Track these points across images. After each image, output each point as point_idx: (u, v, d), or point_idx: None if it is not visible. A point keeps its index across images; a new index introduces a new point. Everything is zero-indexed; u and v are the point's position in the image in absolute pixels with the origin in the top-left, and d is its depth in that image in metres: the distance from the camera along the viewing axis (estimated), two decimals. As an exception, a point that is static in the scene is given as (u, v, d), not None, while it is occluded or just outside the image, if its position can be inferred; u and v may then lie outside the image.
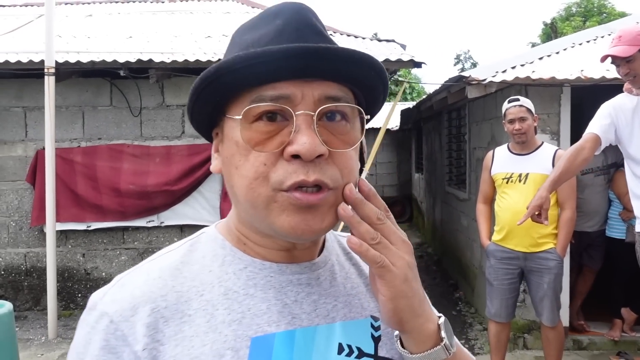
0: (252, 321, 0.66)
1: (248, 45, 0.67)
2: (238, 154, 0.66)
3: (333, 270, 0.76)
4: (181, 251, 0.72)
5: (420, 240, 10.40)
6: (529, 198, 3.54)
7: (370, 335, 0.74)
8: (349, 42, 5.78)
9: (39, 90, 4.71)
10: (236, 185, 0.67)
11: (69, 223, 4.92)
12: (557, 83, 4.49)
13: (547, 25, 23.75)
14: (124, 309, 0.65)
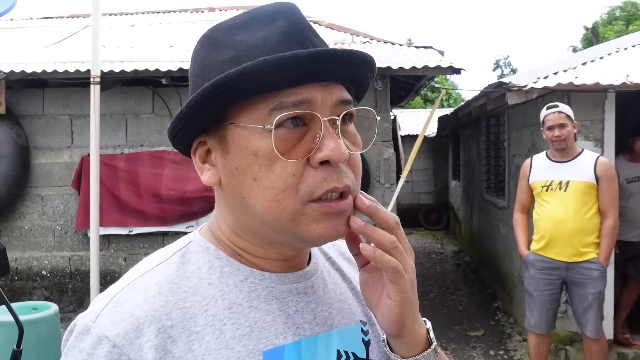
0: (260, 334, 0.65)
1: (250, 48, 0.63)
2: (257, 164, 0.63)
3: (323, 277, 0.76)
4: (173, 263, 0.67)
5: (457, 249, 10.27)
6: (570, 206, 3.47)
7: (362, 340, 0.74)
8: (385, 49, 5.78)
9: (84, 98, 4.86)
10: (253, 197, 0.64)
11: (111, 228, 5.05)
12: (601, 89, 4.38)
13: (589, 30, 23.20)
14: (127, 331, 0.60)
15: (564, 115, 3.53)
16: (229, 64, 0.63)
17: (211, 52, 0.66)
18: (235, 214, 0.68)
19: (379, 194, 4.93)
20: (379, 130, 4.93)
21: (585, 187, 3.48)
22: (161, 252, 0.70)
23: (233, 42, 0.65)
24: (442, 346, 5.27)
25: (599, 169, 3.49)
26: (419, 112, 15.73)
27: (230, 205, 0.68)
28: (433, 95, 20.56)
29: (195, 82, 0.67)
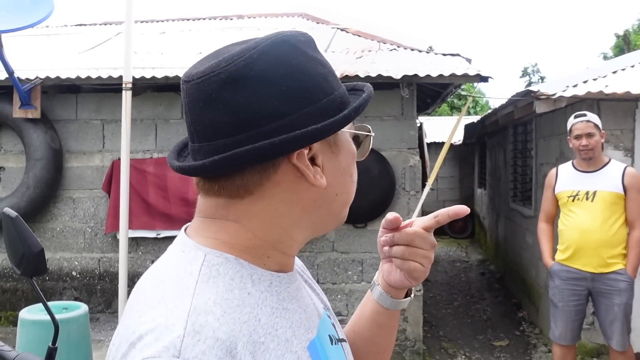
0: (299, 332, 0.69)
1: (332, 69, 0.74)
2: (352, 164, 0.77)
3: (299, 274, 0.83)
4: (210, 279, 0.65)
5: (483, 257, 10.16)
6: (597, 216, 3.43)
7: (332, 324, 0.82)
8: (413, 56, 5.79)
9: (116, 104, 4.98)
10: (347, 192, 0.76)
11: (140, 231, 5.15)
12: (631, 98, 4.33)
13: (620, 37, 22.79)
14: (221, 356, 0.58)
15: (592, 124, 3.49)
16: (332, 77, 0.73)
17: (307, 62, 0.69)
18: (315, 213, 0.73)
19: (404, 201, 4.93)
20: (404, 137, 4.94)
21: (613, 197, 3.44)
22: (181, 267, 0.67)
23: (318, 60, 0.72)
24: (466, 355, 5.23)
25: (626, 180, 3.44)
26: (445, 120, 15.64)
27: (316, 205, 0.73)
28: (460, 102, 20.43)
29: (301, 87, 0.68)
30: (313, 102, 0.67)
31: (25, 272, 1.51)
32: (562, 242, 3.63)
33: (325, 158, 0.71)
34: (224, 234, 0.70)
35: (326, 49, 6.12)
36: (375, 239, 4.97)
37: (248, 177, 0.68)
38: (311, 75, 0.69)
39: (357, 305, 5.04)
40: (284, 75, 0.66)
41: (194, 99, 0.67)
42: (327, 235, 5.01)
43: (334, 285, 5.01)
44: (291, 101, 0.66)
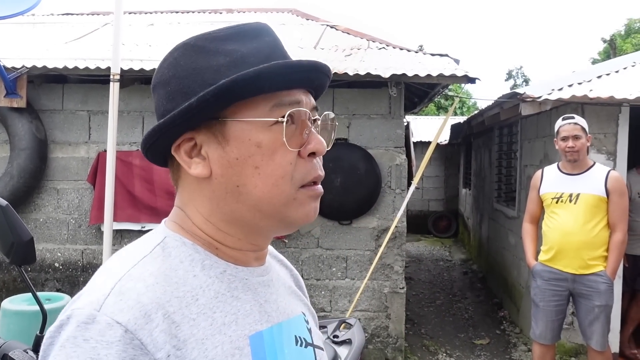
0: (244, 321, 0.72)
1: (246, 56, 0.72)
2: (260, 154, 0.71)
3: (277, 274, 0.86)
4: (158, 256, 0.71)
5: (465, 257, 10.26)
6: (579, 219, 3.49)
7: (306, 328, 0.84)
8: (401, 55, 5.82)
9: (103, 95, 4.94)
10: (252, 184, 0.72)
11: (124, 223, 5.12)
12: (615, 102, 4.40)
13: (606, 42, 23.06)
14: (137, 317, 0.63)
15: (579, 127, 3.55)
16: (226, 68, 0.72)
17: (199, 58, 0.73)
18: (221, 204, 0.74)
19: (390, 200, 4.96)
20: (391, 136, 4.97)
21: (596, 200, 3.50)
22: (138, 247, 0.73)
23: (224, 50, 0.73)
24: (447, 353, 5.29)
25: (610, 183, 3.50)
26: (431, 119, 15.73)
27: (217, 197, 0.74)
28: (446, 102, 20.53)
29: (182, 84, 0.73)
30: (188, 97, 0.71)
31: (14, 260, 1.51)
32: (545, 243, 3.69)
33: (210, 149, 0.73)
34: (178, 220, 0.77)
35: (315, 46, 6.12)
36: (360, 236, 5.01)
37: (171, 170, 0.78)
38: (195, 71, 0.72)
39: (340, 301, 5.09)
40: (172, 77, 0.74)
41: None
42: (312, 232, 5.02)
43: (318, 282, 5.03)
44: (172, 99, 0.73)
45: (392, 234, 4.79)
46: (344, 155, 4.91)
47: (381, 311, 4.97)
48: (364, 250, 4.98)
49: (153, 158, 0.79)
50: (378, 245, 4.90)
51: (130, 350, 0.61)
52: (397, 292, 4.97)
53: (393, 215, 4.88)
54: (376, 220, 4.98)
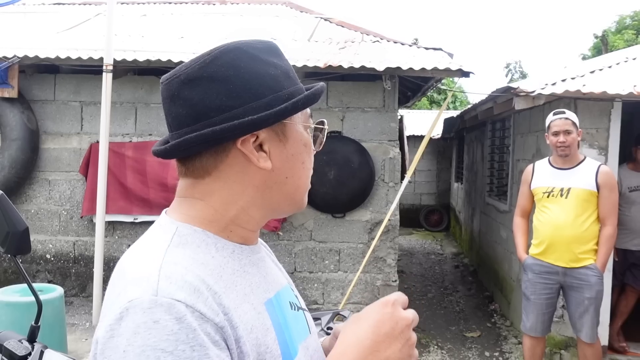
0: (258, 291, 0.83)
1: (288, 71, 0.86)
2: (305, 153, 0.88)
3: (264, 249, 0.97)
4: (179, 245, 0.78)
5: (457, 250, 10.31)
6: (570, 213, 3.52)
7: (294, 295, 0.96)
8: (395, 48, 5.81)
9: (95, 85, 4.92)
10: (297, 177, 0.87)
11: (117, 215, 5.11)
12: (607, 98, 4.42)
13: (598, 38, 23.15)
14: (190, 293, 0.70)
15: (570, 122, 3.56)
16: (282, 78, 0.85)
17: (257, 65, 0.83)
18: (267, 192, 0.86)
19: (383, 193, 4.98)
20: (385, 129, 4.98)
21: (586, 194, 3.52)
22: (156, 239, 0.80)
23: (272, 62, 0.85)
24: (439, 346, 5.33)
25: (600, 178, 3.53)
26: (424, 113, 15.75)
27: (267, 186, 0.85)
28: (439, 96, 20.57)
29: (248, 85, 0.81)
30: (258, 97, 0.81)
31: (9, 250, 1.50)
32: (536, 236, 3.71)
33: (272, 145, 0.84)
34: (192, 210, 0.84)
35: (309, 39, 6.11)
36: (353, 229, 5.03)
37: (205, 160, 0.82)
38: (258, 76, 0.82)
39: (333, 294, 5.09)
40: (232, 76, 0.81)
41: (165, 97, 0.84)
42: (305, 225, 5.03)
43: (311, 274, 5.04)
44: (237, 97, 0.80)
45: (385, 227, 4.81)
46: (338, 148, 4.91)
47: (373, 304, 5.00)
48: (357, 243, 5.00)
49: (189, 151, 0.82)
50: (371, 238, 4.92)
51: (195, 320, 0.69)
52: (390, 285, 5.00)
53: (386, 209, 4.90)
54: (369, 214, 4.99)
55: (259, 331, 0.78)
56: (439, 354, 5.10)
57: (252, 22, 6.88)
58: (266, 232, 5.04)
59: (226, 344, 0.72)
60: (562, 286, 3.64)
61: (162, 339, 0.67)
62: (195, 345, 0.67)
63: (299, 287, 5.09)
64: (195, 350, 0.67)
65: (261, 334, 0.78)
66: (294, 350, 0.85)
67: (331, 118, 4.99)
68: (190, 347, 0.67)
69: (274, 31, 6.32)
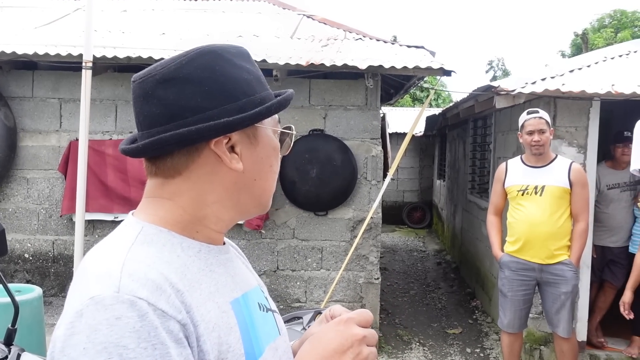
0: (224, 290, 0.83)
1: (259, 76, 0.89)
2: (274, 156, 0.90)
3: (232, 250, 0.98)
4: (143, 243, 0.79)
5: (439, 247, 10.38)
6: (545, 210, 3.60)
7: (264, 297, 0.97)
8: (378, 47, 5.82)
9: (74, 82, 4.84)
10: (265, 179, 0.89)
11: (97, 213, 5.04)
12: (586, 97, 4.47)
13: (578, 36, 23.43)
14: (152, 291, 0.71)
15: (544, 121, 3.64)
16: (255, 83, 0.87)
17: (232, 69, 0.85)
18: (235, 193, 0.87)
19: (365, 191, 4.98)
20: (367, 127, 4.98)
21: (560, 191, 3.61)
22: (119, 238, 0.80)
23: (245, 68, 0.87)
24: (420, 342, 5.36)
25: (572, 175, 3.62)
26: (407, 111, 15.81)
27: (236, 187, 0.87)
28: (422, 94, 20.66)
29: (223, 87, 0.83)
30: (232, 100, 0.83)
31: (-15, 252, 1.47)
32: (511, 234, 3.77)
33: (244, 147, 0.86)
34: (160, 211, 0.84)
35: (292, 36, 6.08)
36: (336, 227, 5.03)
37: (176, 160, 0.83)
38: (233, 79, 0.84)
39: (315, 292, 5.09)
40: (208, 78, 0.82)
41: (137, 96, 0.84)
42: (288, 223, 5.02)
43: (294, 272, 5.04)
44: (212, 99, 0.82)
45: (368, 225, 4.82)
46: (320, 146, 4.90)
47: (356, 301, 5.01)
48: (340, 241, 5.00)
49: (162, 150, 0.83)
50: (353, 236, 4.93)
51: (157, 318, 0.69)
52: (372, 283, 5.01)
53: (369, 206, 4.91)
54: (352, 211, 5.00)
55: (222, 330, 0.78)
56: (420, 351, 5.13)
57: (234, 19, 6.83)
58: (249, 231, 5.02)
59: (188, 342, 0.72)
60: (538, 282, 3.70)
61: (124, 336, 0.66)
62: (157, 343, 0.68)
63: (281, 285, 5.08)
64: (157, 348, 0.68)
65: (224, 333, 0.78)
66: (260, 350, 0.85)
67: (313, 116, 4.98)
68: (152, 344, 0.67)
69: (256, 28, 6.28)
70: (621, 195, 4.68)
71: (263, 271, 5.05)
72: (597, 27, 24.75)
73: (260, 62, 4.47)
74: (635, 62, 5.33)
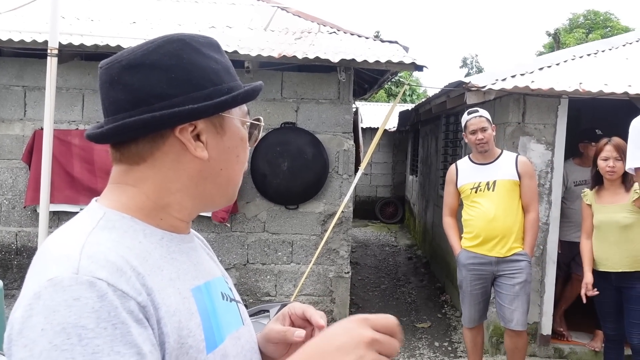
0: (185, 277, 0.84)
1: (227, 66, 0.89)
2: (241, 147, 0.90)
3: (196, 240, 0.98)
4: (104, 228, 0.79)
5: (411, 242, 10.46)
6: (500, 204, 3.69)
7: (228, 287, 0.97)
8: (352, 41, 5.80)
9: (40, 70, 4.72)
10: (232, 169, 0.89)
11: (62, 205, 4.93)
12: (555, 94, 4.54)
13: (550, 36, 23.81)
14: (112, 272, 0.71)
15: (485, 119, 3.74)
16: (222, 73, 0.87)
17: (199, 58, 0.85)
18: (201, 182, 0.87)
19: (337, 185, 4.97)
20: (339, 121, 4.97)
21: (511, 184, 3.71)
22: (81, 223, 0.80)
23: (213, 57, 0.87)
24: (390, 336, 5.38)
25: (520, 167, 3.73)
26: (381, 106, 15.87)
27: (202, 176, 0.87)
28: (397, 89, 20.75)
29: (189, 75, 0.83)
30: (199, 88, 0.83)
31: None
32: (469, 231, 3.83)
33: (210, 136, 0.86)
34: (123, 197, 0.84)
35: (266, 28, 6.03)
36: (307, 221, 5.01)
37: (141, 147, 0.83)
38: (200, 68, 0.84)
39: (285, 285, 5.06)
40: (174, 65, 0.82)
41: (103, 81, 0.84)
42: (258, 216, 4.99)
43: (264, 266, 5.01)
44: (178, 86, 0.82)
45: (338, 219, 4.81)
46: (292, 139, 4.88)
47: (326, 295, 5.01)
48: (310, 235, 4.99)
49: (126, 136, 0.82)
50: (324, 230, 4.92)
51: (117, 298, 0.69)
52: (342, 277, 5.01)
53: (340, 201, 4.90)
54: (323, 205, 4.98)
55: (182, 315, 0.78)
56: (390, 345, 5.16)
57: (207, 9, 6.74)
58: (218, 224, 4.97)
59: (149, 323, 0.72)
60: (495, 276, 3.77)
61: (82, 317, 0.66)
62: (117, 322, 0.67)
63: (251, 278, 5.05)
64: (117, 327, 0.67)
65: (184, 318, 0.78)
66: (220, 338, 0.85)
67: (285, 109, 4.95)
68: (112, 324, 0.67)
69: (230, 19, 6.21)
70: (587, 192, 4.76)
71: (233, 264, 5.01)
72: (570, 27, 25.18)
73: (232, 53, 4.42)
74: (602, 62, 5.43)
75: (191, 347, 0.78)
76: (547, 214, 4.71)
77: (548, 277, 4.73)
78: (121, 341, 0.67)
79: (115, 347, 0.66)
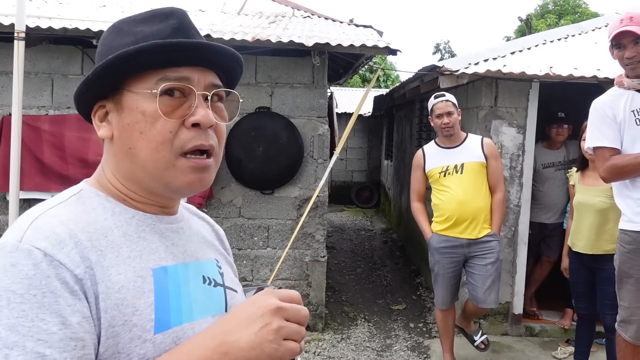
0: (149, 257, 0.84)
1: (147, 36, 0.84)
2: (144, 121, 0.83)
3: (189, 224, 0.98)
4: (72, 203, 0.83)
5: (386, 226, 10.56)
6: (468, 186, 3.75)
7: (218, 272, 0.97)
8: (326, 25, 5.79)
9: (6, 54, 4.59)
10: (139, 147, 0.84)
11: (33, 192, 4.83)
12: (526, 78, 4.60)
13: (522, 21, 24.04)
14: (53, 243, 0.74)
15: (451, 103, 3.80)
16: (130, 46, 0.83)
17: (116, 38, 0.87)
18: (121, 163, 0.87)
19: (312, 169, 4.99)
20: (314, 106, 4.97)
21: (478, 166, 3.78)
22: (56, 197, 0.85)
23: (134, 31, 0.86)
24: (366, 319, 5.46)
25: (486, 149, 3.81)
26: (356, 91, 15.88)
27: (117, 156, 0.87)
28: (371, 75, 20.77)
29: (103, 59, 0.85)
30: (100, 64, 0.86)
31: None
32: (440, 214, 3.87)
33: (113, 115, 0.87)
34: (98, 177, 0.91)
35: (239, 12, 5.96)
36: (282, 206, 5.01)
37: None
38: (112, 49, 0.85)
39: (262, 270, 5.05)
40: (99, 54, 0.89)
41: None
42: (234, 201, 4.98)
43: (240, 251, 5.01)
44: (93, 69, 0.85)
45: (314, 204, 4.83)
46: (267, 124, 4.86)
47: (302, 279, 5.04)
48: (286, 219, 5.00)
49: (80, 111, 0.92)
50: (300, 214, 4.94)
51: (52, 268, 0.72)
52: (318, 261, 5.05)
53: (315, 185, 4.92)
54: (298, 190, 5.00)
55: (130, 292, 0.79)
56: (366, 327, 5.23)
57: (179, -7, 6.63)
58: (193, 209, 4.94)
59: (85, 296, 0.74)
60: (466, 257, 3.83)
61: (14, 282, 0.70)
62: (46, 291, 0.70)
63: (227, 264, 5.04)
64: (46, 296, 0.70)
65: (131, 296, 0.79)
66: (178, 320, 0.84)
67: (260, 93, 4.92)
68: (41, 292, 0.70)
69: (203, 2, 6.12)
70: (555, 174, 4.87)
71: (209, 250, 4.99)
72: (541, 13, 25.45)
73: (205, 37, 4.36)
74: (572, 46, 5.52)
75: (135, 325, 0.78)
76: (519, 196, 4.80)
77: (519, 258, 4.84)
78: (48, 309, 0.70)
79: (40, 314, 0.69)
